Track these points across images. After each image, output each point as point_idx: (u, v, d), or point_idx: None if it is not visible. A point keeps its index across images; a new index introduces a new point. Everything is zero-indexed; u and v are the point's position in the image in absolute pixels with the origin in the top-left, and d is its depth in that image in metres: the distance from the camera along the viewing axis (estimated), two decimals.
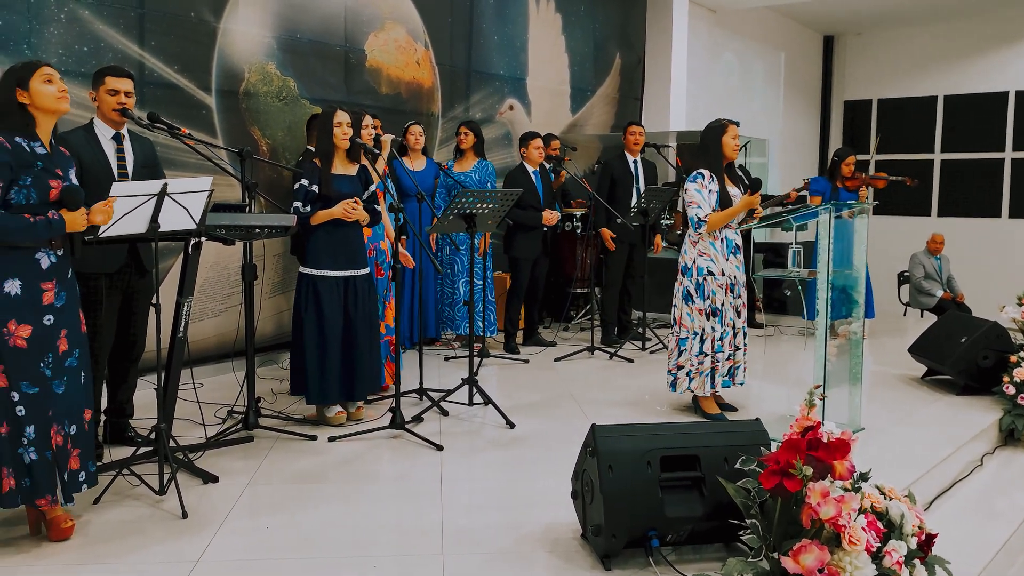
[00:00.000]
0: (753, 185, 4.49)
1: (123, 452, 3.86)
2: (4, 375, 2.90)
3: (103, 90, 3.81)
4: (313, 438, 4.27)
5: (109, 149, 3.84)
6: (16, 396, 2.91)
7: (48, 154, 3.00)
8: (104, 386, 4.05)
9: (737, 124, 4.70)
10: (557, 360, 6.22)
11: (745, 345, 4.74)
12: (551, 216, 6.41)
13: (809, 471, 2.58)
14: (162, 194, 3.26)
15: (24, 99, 2.95)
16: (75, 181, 3.13)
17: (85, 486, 3.12)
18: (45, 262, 2.98)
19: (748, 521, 2.72)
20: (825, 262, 4.25)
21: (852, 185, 7.01)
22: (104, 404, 4.07)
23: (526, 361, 6.18)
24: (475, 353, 5.00)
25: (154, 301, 3.40)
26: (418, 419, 4.55)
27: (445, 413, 4.75)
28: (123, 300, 3.94)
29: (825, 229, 4.26)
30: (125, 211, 3.18)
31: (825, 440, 2.65)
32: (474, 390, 4.83)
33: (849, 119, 12.43)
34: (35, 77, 2.97)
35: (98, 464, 3.74)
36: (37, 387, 2.95)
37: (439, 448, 4.14)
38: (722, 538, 3.03)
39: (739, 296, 4.65)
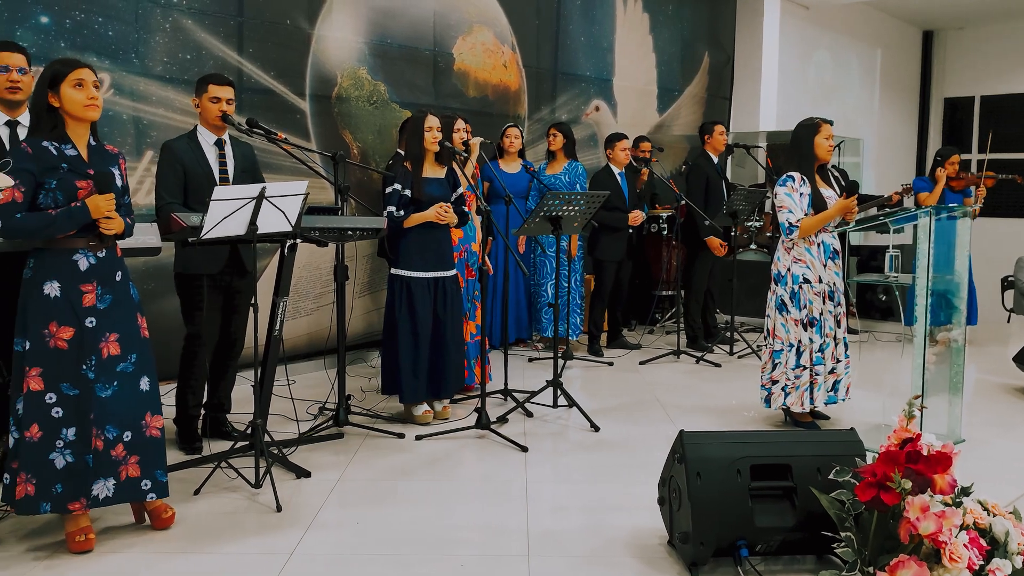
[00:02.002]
0: (849, 188, 4.33)
1: (221, 446, 4.01)
2: (40, 378, 2.89)
3: (206, 97, 3.96)
4: (401, 436, 4.34)
5: (211, 155, 3.99)
6: (53, 398, 2.90)
7: (79, 156, 2.96)
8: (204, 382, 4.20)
9: (831, 123, 4.54)
10: (642, 363, 6.17)
11: (847, 357, 4.52)
12: (637, 217, 6.37)
13: (908, 484, 2.50)
14: (260, 197, 3.37)
15: (55, 102, 2.92)
16: (122, 178, 3.11)
17: (153, 495, 3.09)
18: (83, 263, 2.96)
19: (842, 534, 2.65)
20: (925, 267, 4.09)
21: (957, 186, 6.75)
22: (204, 399, 4.23)
23: (610, 364, 6.16)
24: (559, 355, 5.00)
25: (252, 301, 3.51)
26: (503, 420, 4.58)
27: (529, 414, 4.77)
28: (224, 299, 4.09)
29: (925, 232, 4.11)
30: (226, 214, 3.30)
31: (925, 453, 2.56)
32: (559, 392, 4.84)
33: (949, 117, 11.94)
34: (67, 81, 2.90)
35: (198, 457, 3.92)
36: (78, 389, 2.93)
37: (524, 449, 4.17)
38: (814, 550, 2.96)
39: (839, 304, 4.45)
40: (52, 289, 2.92)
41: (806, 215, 4.33)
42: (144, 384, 3.09)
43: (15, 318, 3.00)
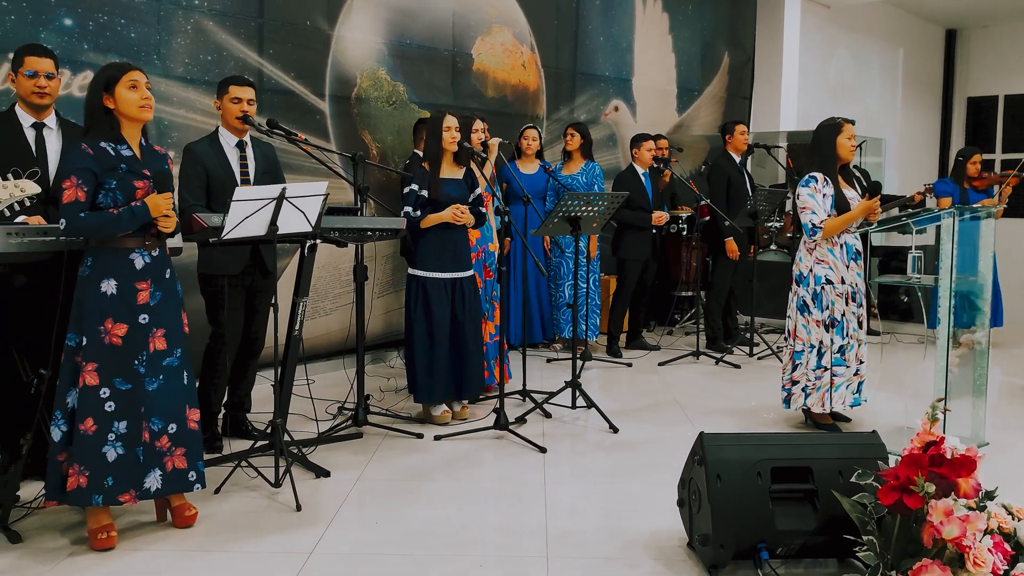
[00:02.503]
0: (872, 188, 4.30)
1: (241, 445, 4.03)
2: (96, 373, 2.96)
3: (227, 99, 3.99)
4: (419, 436, 4.35)
5: (233, 156, 4.01)
6: (107, 392, 2.97)
7: (134, 156, 3.05)
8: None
9: (852, 123, 4.50)
10: (661, 364, 6.14)
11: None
12: (660, 217, 6.35)
13: (931, 488, 2.47)
14: (281, 198, 3.39)
15: (109, 104, 3.00)
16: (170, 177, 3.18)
17: (198, 486, 3.18)
18: (139, 262, 3.04)
19: (864, 537, 2.62)
20: (948, 268, 4.05)
21: (980, 185, 6.67)
22: (224, 398, 4.26)
23: (629, 365, 6.14)
24: (578, 356, 4.99)
25: (273, 301, 3.53)
26: (521, 420, 4.58)
27: (548, 415, 4.76)
28: (246, 299, 4.11)
29: (948, 233, 4.06)
30: (247, 214, 3.32)
31: (949, 456, 2.53)
32: (577, 393, 4.83)
33: (972, 117, 11.81)
34: (121, 83, 2.99)
35: (218, 455, 3.94)
36: (130, 384, 3.01)
37: (542, 450, 4.16)
38: (835, 553, 2.93)
39: (861, 305, 4.42)
40: (109, 287, 3.00)
41: (829, 216, 4.30)
42: (185, 378, 3.18)
43: (55, 317, 3.09)
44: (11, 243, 3.02)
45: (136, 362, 3.03)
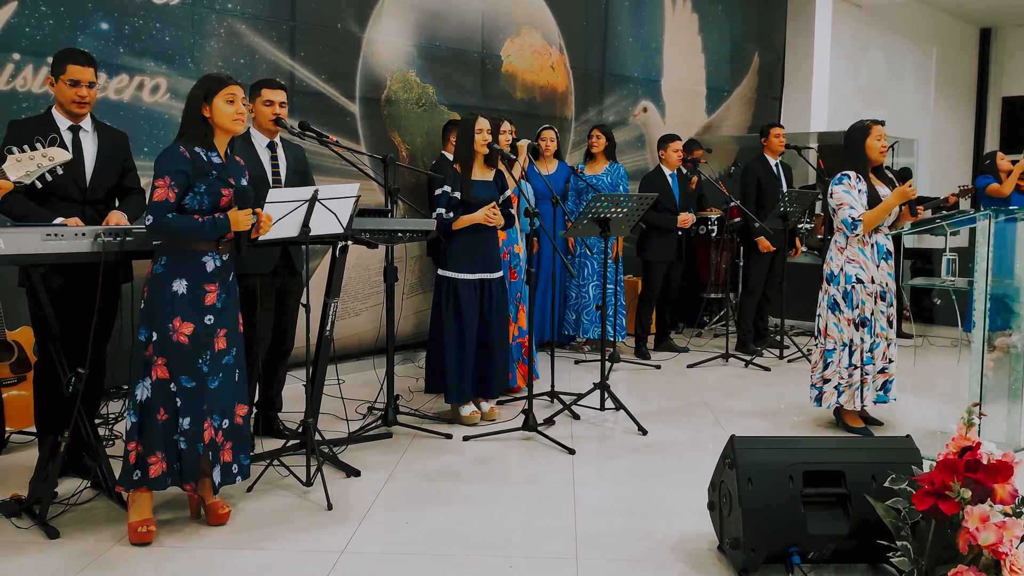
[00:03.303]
0: (903, 175, 4.25)
1: (272, 444, 4.07)
2: (166, 367, 3.08)
3: (259, 101, 4.03)
4: (448, 436, 4.37)
5: (264, 157, 4.06)
6: (175, 388, 3.08)
7: (223, 163, 3.18)
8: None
9: (882, 124, 4.47)
10: (690, 367, 6.12)
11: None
12: (686, 219, 6.33)
13: (967, 494, 2.45)
14: (313, 200, 3.42)
15: (206, 113, 3.13)
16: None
17: (239, 478, 3.29)
18: (210, 265, 3.15)
19: (898, 543, 2.60)
20: (984, 271, 4.00)
21: None
22: (256, 397, 4.30)
23: (657, 367, 6.12)
24: (606, 357, 4.99)
25: (304, 301, 3.56)
26: (549, 422, 4.58)
27: (576, 417, 4.76)
28: (276, 299, 4.15)
29: (984, 236, 4.01)
30: (280, 216, 3.35)
31: (985, 461, 2.50)
32: (606, 395, 4.82)
33: (1007, 116, 11.64)
34: (220, 95, 3.12)
35: (250, 454, 3.98)
36: (195, 382, 3.10)
37: (571, 452, 4.16)
38: (868, 558, 2.90)
39: (891, 305, 4.42)
40: (180, 286, 3.09)
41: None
42: (238, 375, 3.27)
43: (92, 318, 3.19)
44: (50, 245, 3.06)
45: (200, 361, 3.13)
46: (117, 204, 3.64)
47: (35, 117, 3.60)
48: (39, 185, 3.10)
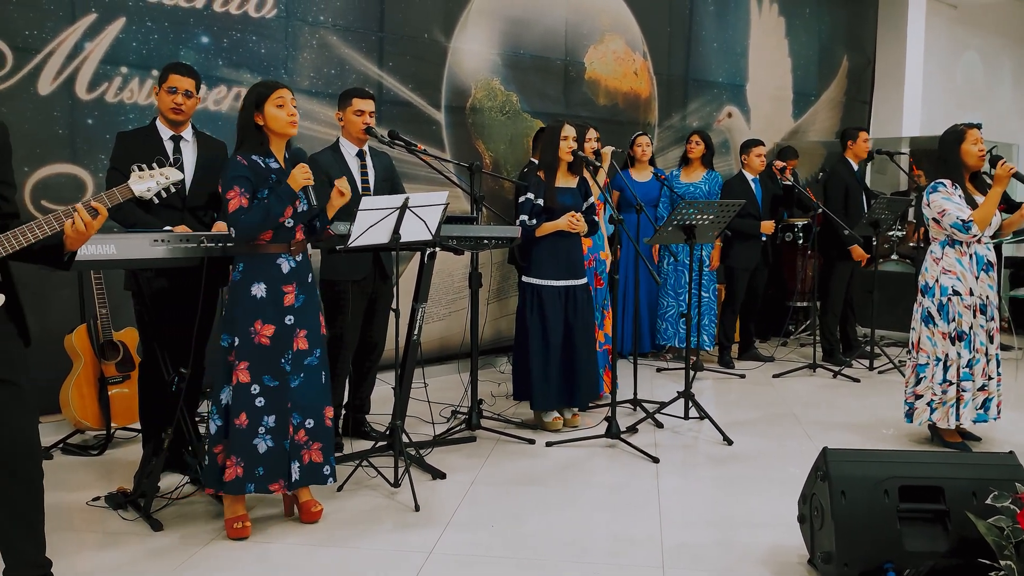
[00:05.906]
0: (992, 159, 4.07)
1: (360, 445, 4.17)
2: (247, 371, 3.15)
3: (349, 111, 4.13)
4: (531, 442, 4.39)
5: (354, 165, 4.16)
6: (257, 389, 3.16)
7: (281, 168, 3.23)
8: (347, 383, 4.38)
9: (978, 127, 4.29)
10: (776, 376, 6.01)
11: (999, 375, 4.27)
12: (768, 226, 6.22)
13: None
14: (404, 208, 3.50)
15: (259, 120, 3.19)
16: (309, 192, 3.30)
17: (331, 479, 3.36)
18: (285, 267, 3.22)
19: (1001, 562, 2.51)
20: None
21: None
22: (345, 399, 4.41)
23: (742, 376, 6.03)
24: (690, 366, 4.94)
25: (394, 306, 3.64)
26: (633, 430, 4.56)
27: (660, 425, 4.73)
28: (367, 304, 4.25)
29: None
30: (372, 223, 3.44)
31: None
32: (690, 404, 4.77)
33: None
34: (269, 101, 3.17)
35: (339, 455, 4.08)
36: (277, 381, 3.19)
37: (655, 460, 4.14)
38: None
39: (992, 319, 4.22)
40: (259, 290, 3.19)
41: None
42: (323, 377, 3.35)
43: (195, 319, 3.33)
44: (157, 250, 3.21)
45: (283, 360, 3.21)
46: (216, 216, 3.77)
47: (140, 129, 3.77)
48: (155, 201, 3.26)
